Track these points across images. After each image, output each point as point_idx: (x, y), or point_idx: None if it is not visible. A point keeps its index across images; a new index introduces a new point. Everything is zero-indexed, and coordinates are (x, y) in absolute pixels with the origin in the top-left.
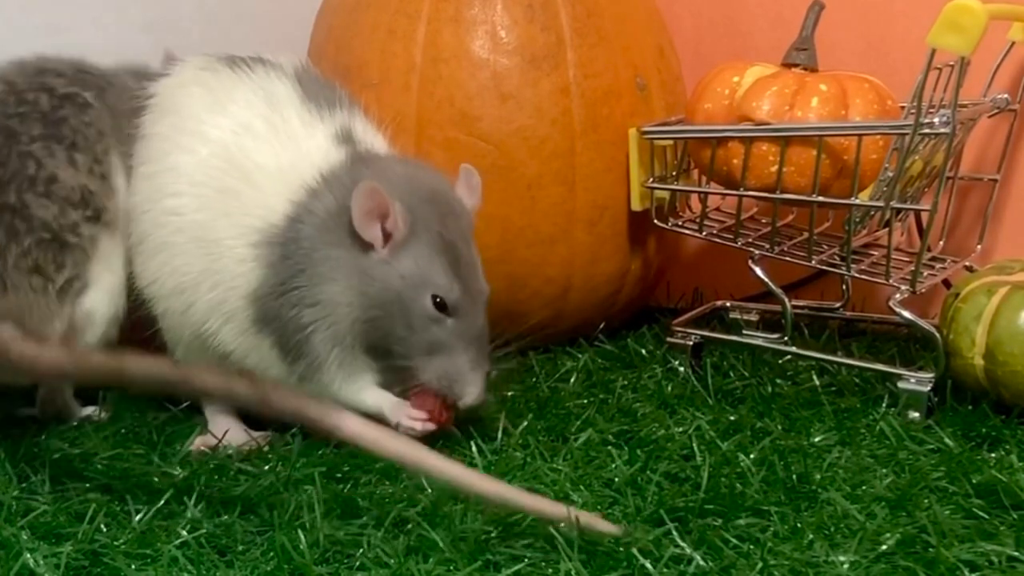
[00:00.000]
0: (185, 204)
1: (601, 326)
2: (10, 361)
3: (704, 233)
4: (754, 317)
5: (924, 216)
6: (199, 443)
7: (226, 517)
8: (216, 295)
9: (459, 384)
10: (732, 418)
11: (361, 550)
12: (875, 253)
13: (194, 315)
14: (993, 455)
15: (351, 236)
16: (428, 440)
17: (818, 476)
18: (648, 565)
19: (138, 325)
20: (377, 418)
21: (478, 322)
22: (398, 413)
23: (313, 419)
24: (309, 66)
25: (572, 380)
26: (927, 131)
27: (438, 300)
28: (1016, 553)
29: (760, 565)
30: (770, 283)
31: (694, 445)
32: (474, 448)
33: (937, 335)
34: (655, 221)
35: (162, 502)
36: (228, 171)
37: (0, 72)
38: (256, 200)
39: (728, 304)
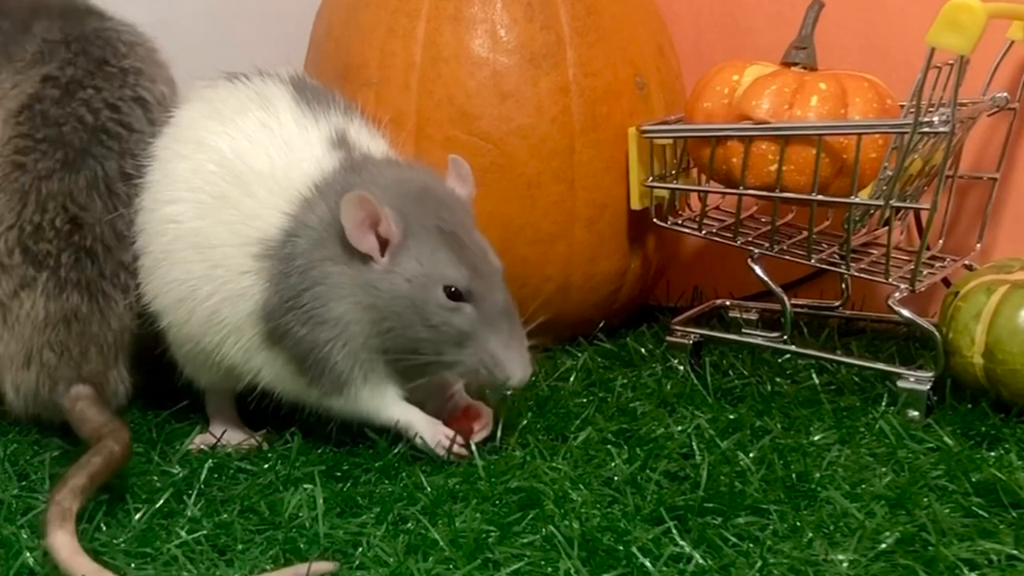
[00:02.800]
0: (183, 211)
1: (600, 325)
2: None
3: (703, 232)
4: (753, 316)
5: (924, 215)
6: (198, 442)
7: (225, 516)
8: (214, 303)
9: (499, 367)
10: (731, 417)
11: (361, 549)
12: (874, 252)
13: (194, 326)
14: (992, 454)
15: (348, 248)
16: None
17: (817, 475)
18: (647, 564)
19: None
20: (406, 433)
21: (500, 300)
22: (434, 434)
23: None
24: (306, 74)
25: (572, 379)
26: (927, 130)
27: (452, 290)
28: (1015, 551)
29: (759, 564)
30: (769, 282)
31: (693, 444)
32: (474, 447)
33: (936, 334)
34: (654, 220)
35: (162, 501)
36: (224, 176)
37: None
38: (252, 209)
39: (727, 303)
